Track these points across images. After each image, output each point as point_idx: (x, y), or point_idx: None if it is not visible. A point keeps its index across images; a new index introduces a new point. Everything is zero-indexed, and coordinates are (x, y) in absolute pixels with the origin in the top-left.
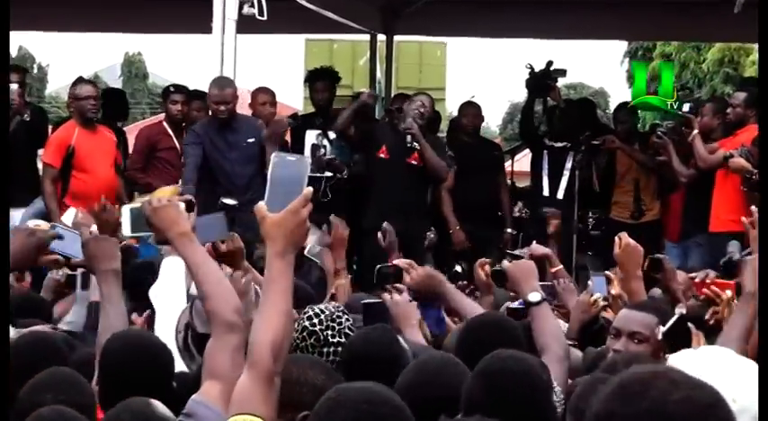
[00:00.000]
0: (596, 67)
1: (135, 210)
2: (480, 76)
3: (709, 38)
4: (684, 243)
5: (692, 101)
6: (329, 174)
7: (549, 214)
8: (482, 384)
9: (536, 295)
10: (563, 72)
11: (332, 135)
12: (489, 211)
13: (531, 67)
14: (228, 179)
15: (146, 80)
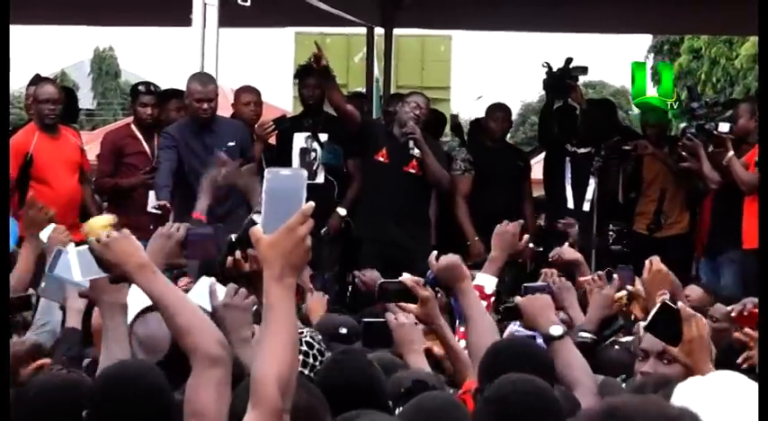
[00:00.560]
0: (618, 63)
1: (82, 252)
2: (489, 73)
3: (742, 31)
4: (715, 259)
5: (727, 119)
6: (321, 181)
7: (563, 225)
8: (493, 410)
9: (558, 329)
10: (584, 70)
11: (323, 137)
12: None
13: (549, 66)
14: None
15: (117, 78)
